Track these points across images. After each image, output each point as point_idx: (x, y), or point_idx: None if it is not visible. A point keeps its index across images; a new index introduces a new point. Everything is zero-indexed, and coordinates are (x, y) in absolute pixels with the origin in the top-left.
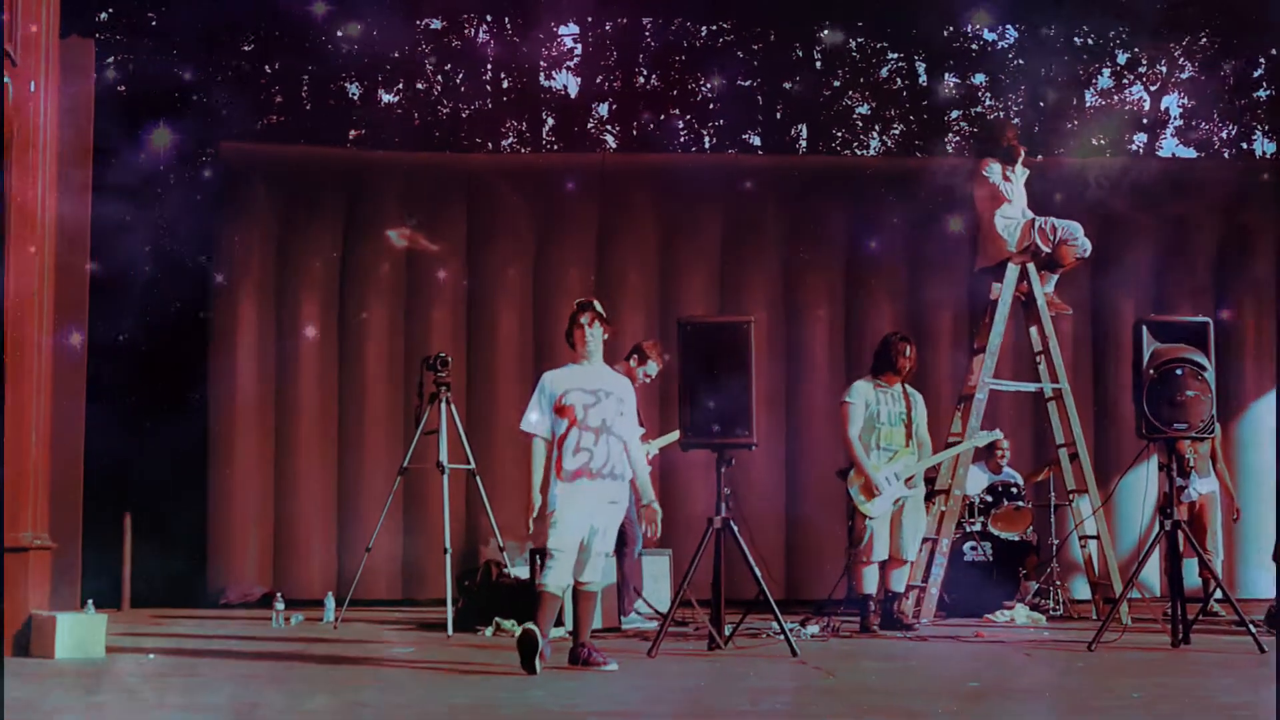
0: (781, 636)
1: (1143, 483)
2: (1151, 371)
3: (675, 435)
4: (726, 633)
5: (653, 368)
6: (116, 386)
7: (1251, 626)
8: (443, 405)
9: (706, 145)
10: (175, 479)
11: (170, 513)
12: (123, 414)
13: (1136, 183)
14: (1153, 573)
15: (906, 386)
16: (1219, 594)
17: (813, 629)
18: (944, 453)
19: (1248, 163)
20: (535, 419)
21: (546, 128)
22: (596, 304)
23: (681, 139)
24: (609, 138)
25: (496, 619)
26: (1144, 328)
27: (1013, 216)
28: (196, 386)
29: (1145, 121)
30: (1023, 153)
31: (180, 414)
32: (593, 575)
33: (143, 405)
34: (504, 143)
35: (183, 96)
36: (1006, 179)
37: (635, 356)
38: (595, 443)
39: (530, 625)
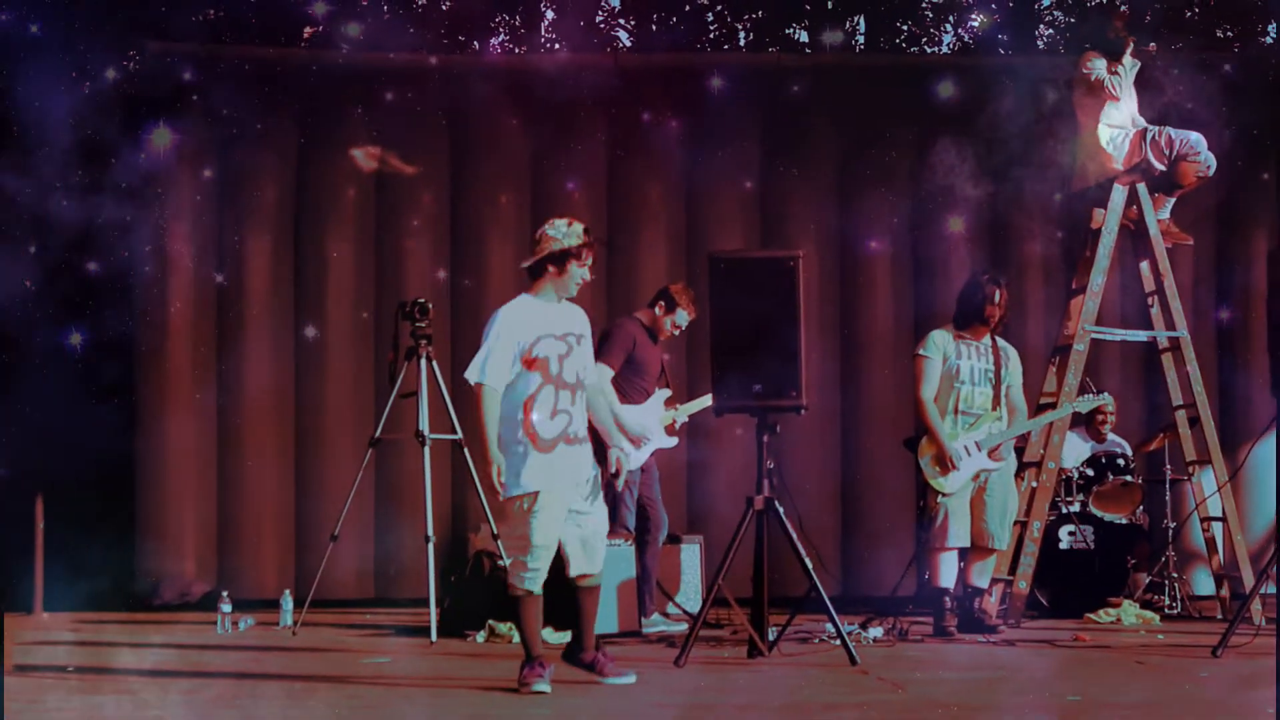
0: (838, 641)
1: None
2: None
3: (708, 400)
4: (770, 637)
5: (683, 317)
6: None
7: None
8: (422, 362)
9: (741, 43)
10: (103, 467)
11: (98, 504)
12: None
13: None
14: None
15: (998, 339)
16: None
17: (876, 632)
18: (1037, 419)
19: None
20: (494, 366)
21: (545, 23)
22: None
23: (711, 34)
24: (622, 34)
25: (490, 621)
26: None
27: (1120, 125)
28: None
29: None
30: (1132, 43)
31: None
32: (597, 564)
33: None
34: (494, 41)
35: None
36: (1114, 72)
37: (662, 303)
38: (573, 402)
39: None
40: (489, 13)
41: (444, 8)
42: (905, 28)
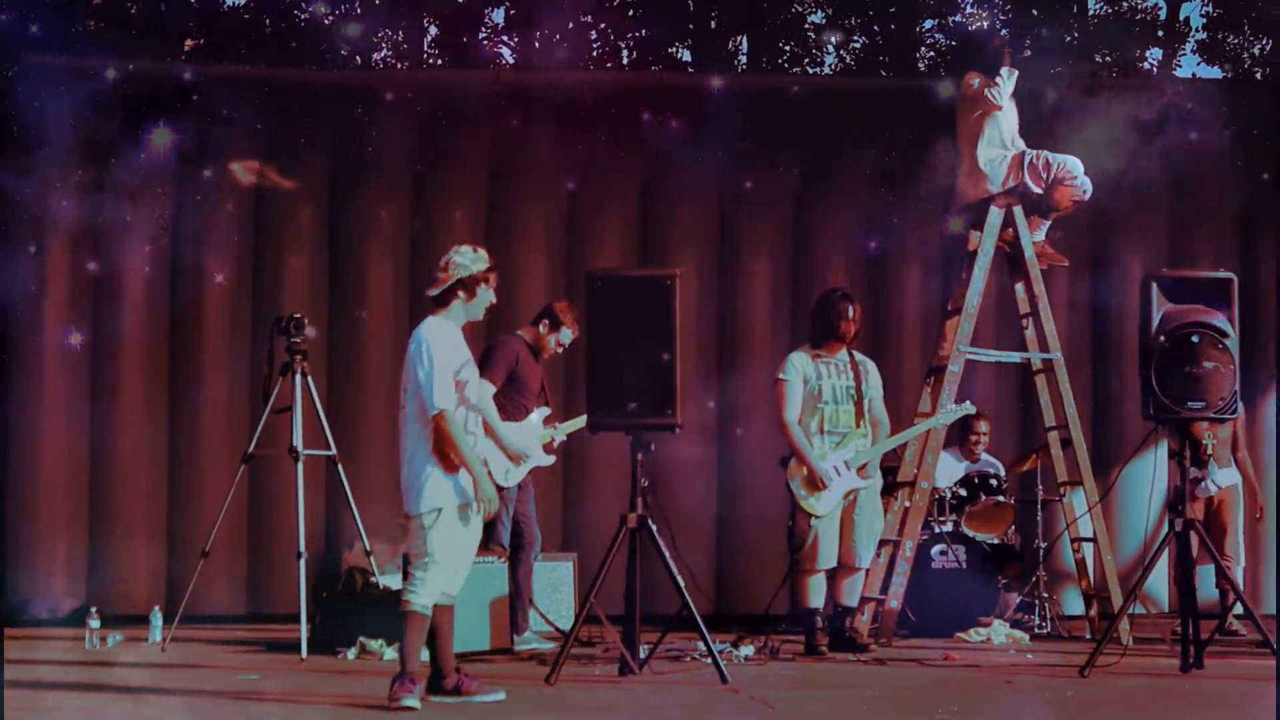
0: (710, 659)
1: (1149, 474)
2: (1162, 339)
3: (584, 419)
4: (642, 655)
5: (566, 335)
6: None
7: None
8: (297, 377)
9: (624, 61)
10: None
11: None
12: None
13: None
14: (1160, 583)
15: (855, 354)
16: (1239, 608)
17: (747, 650)
18: (904, 433)
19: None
20: (445, 391)
21: (429, 38)
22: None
23: (594, 52)
24: (505, 51)
25: (361, 639)
26: (1153, 285)
27: (999, 147)
28: None
29: (1161, 34)
30: (1009, 55)
31: None
32: (457, 585)
33: None
34: (376, 56)
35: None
36: (994, 83)
37: (546, 321)
38: (477, 425)
39: None
40: (372, 26)
41: (327, 24)
42: (788, 48)
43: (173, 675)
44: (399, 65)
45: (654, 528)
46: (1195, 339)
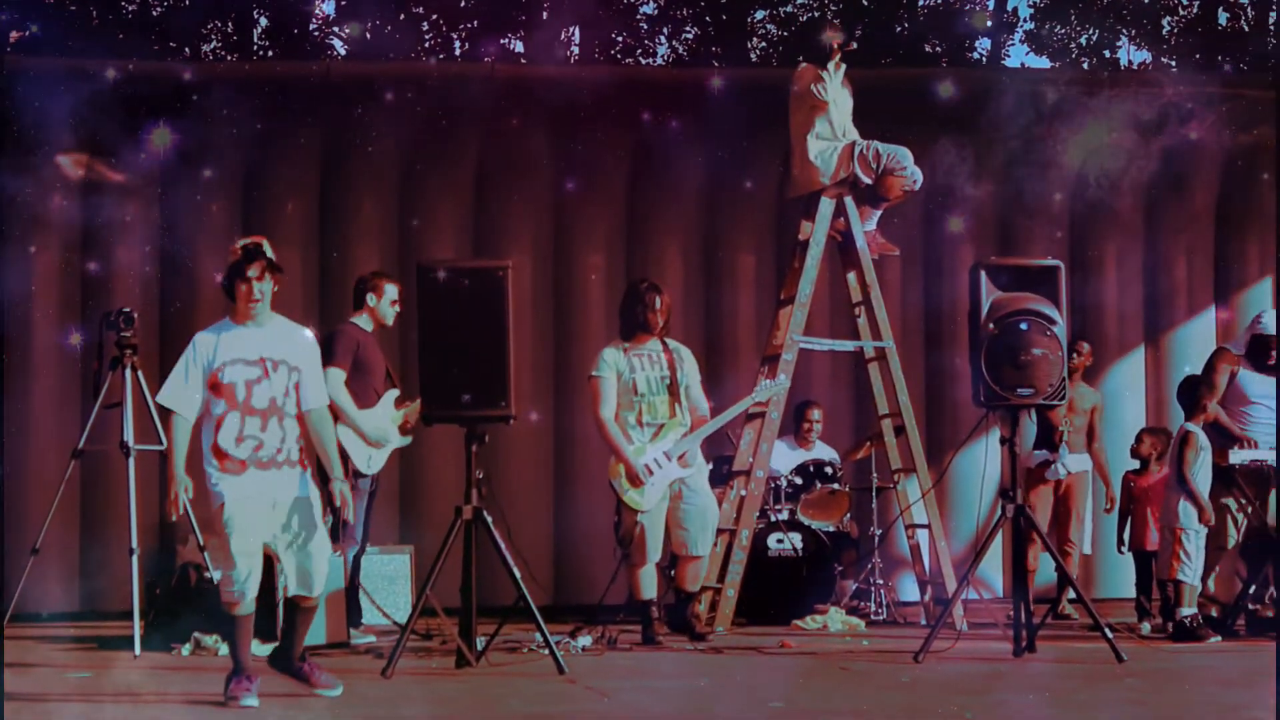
0: (546, 650)
1: (981, 460)
2: (990, 326)
3: (414, 406)
4: (479, 647)
5: (392, 290)
6: None
7: (1108, 631)
8: (127, 372)
9: (457, 52)
10: None
11: None
12: None
13: (977, 96)
14: (995, 568)
15: (668, 342)
16: (1075, 594)
17: (585, 640)
18: (720, 416)
19: (1112, 75)
20: (174, 392)
21: (258, 30)
22: (266, 247)
23: (427, 43)
24: (336, 42)
25: (195, 634)
26: (981, 273)
27: (829, 138)
28: None
29: (990, 24)
30: (839, 47)
31: None
32: (312, 586)
33: None
34: (206, 48)
35: None
36: (819, 80)
37: (368, 295)
38: (263, 428)
39: None
40: (201, 18)
41: (154, 14)
42: (620, 39)
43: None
44: (229, 57)
45: (489, 519)
46: (1024, 326)
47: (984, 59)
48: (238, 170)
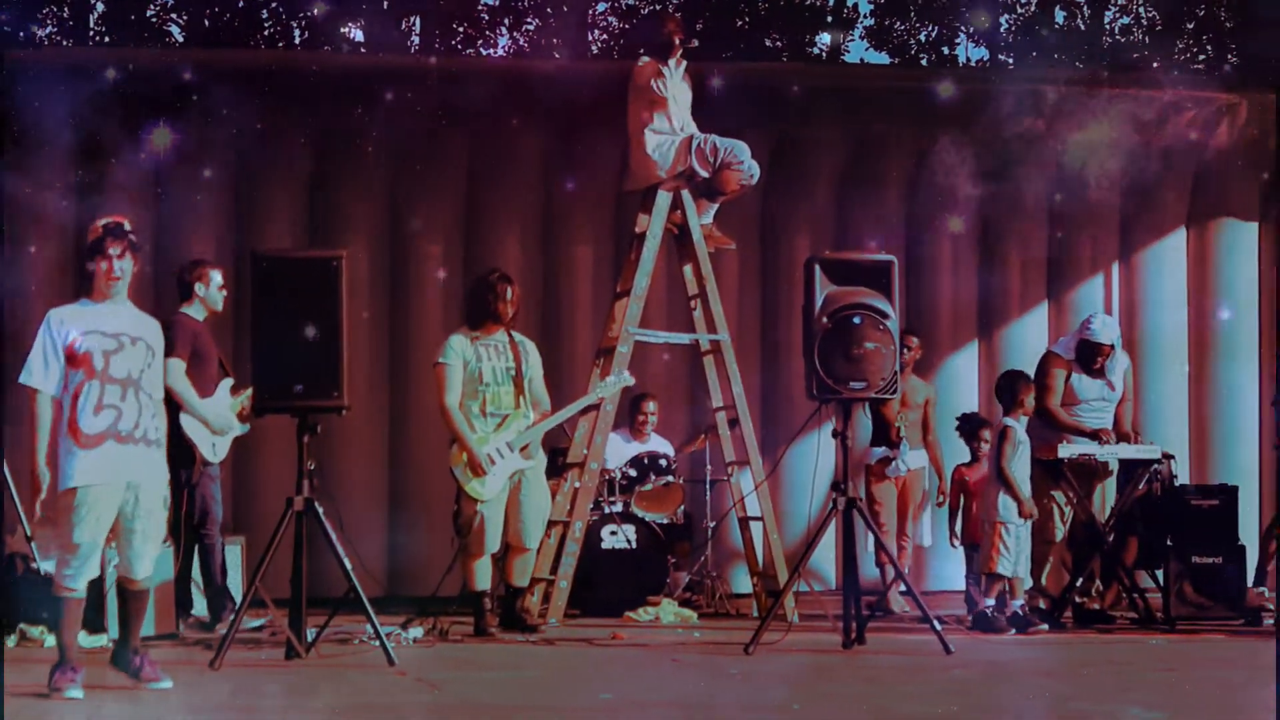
0: (377, 642)
1: (814, 453)
2: (825, 320)
3: (248, 394)
4: (309, 638)
5: (215, 276)
6: None
7: (936, 624)
8: None
9: (297, 40)
10: None
11: None
12: None
13: (818, 93)
14: (828, 560)
15: (514, 334)
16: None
17: (416, 632)
18: (562, 411)
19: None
20: (39, 369)
21: (95, 15)
22: (127, 225)
23: (266, 31)
24: (174, 29)
25: (21, 626)
26: (816, 267)
27: (667, 132)
28: None
29: (830, 19)
30: (680, 43)
31: None
32: (146, 568)
33: None
34: (41, 33)
35: None
36: (660, 75)
37: (194, 284)
38: (123, 398)
39: None
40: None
41: None
42: (461, 29)
43: None
44: (66, 44)
45: (320, 510)
46: (857, 320)
47: (823, 54)
48: (230, 168)
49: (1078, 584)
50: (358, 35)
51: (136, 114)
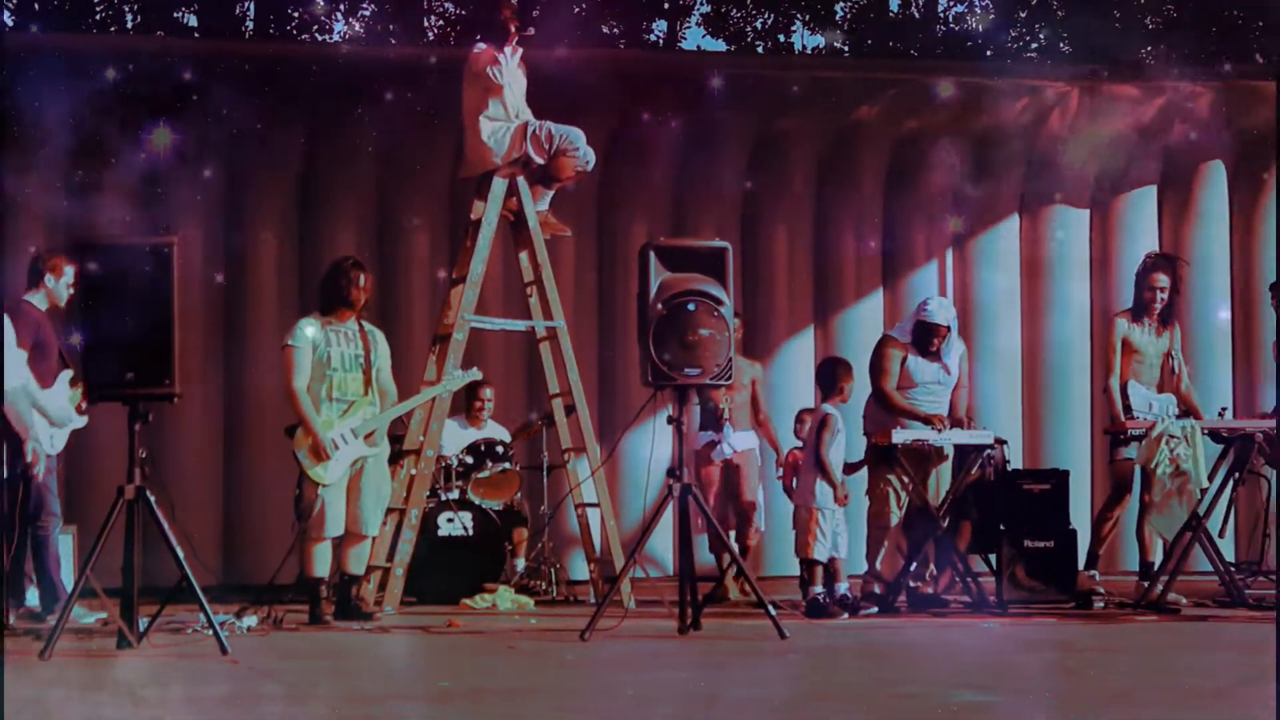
0: (210, 631)
1: (650, 440)
2: (659, 306)
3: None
4: (141, 628)
5: (69, 273)
6: None
7: (772, 609)
8: None
9: (129, 25)
10: None
11: None
12: None
13: (656, 80)
14: (665, 546)
15: (364, 323)
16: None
17: (250, 620)
18: (409, 401)
19: (784, 59)
20: None
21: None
22: None
23: (97, 16)
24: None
25: None
26: (651, 253)
27: (501, 119)
28: None
29: (666, 6)
30: (516, 30)
31: None
32: None
33: None
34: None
35: None
36: (496, 62)
37: (45, 274)
38: None
39: None
40: None
41: None
42: (295, 15)
43: None
44: None
45: (152, 499)
46: (691, 307)
47: (661, 41)
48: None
49: (912, 568)
50: (192, 20)
51: (137, 113)
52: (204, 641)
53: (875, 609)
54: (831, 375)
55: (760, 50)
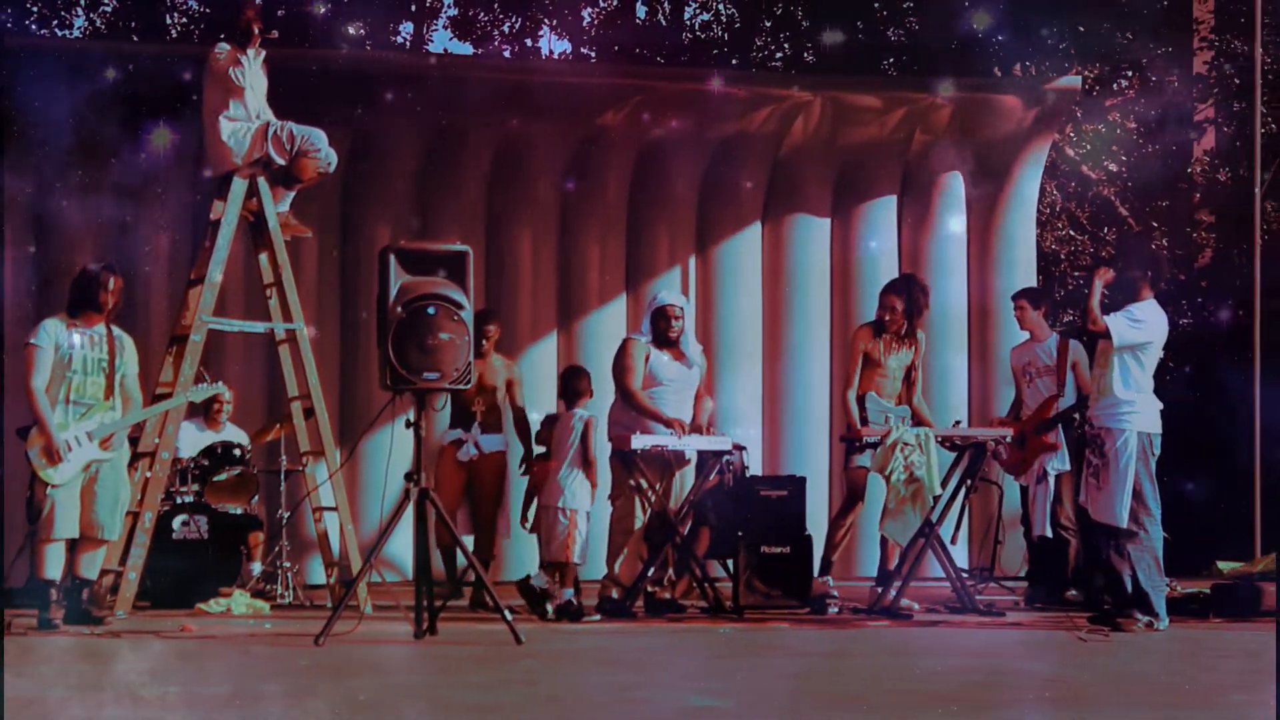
0: None
1: (388, 444)
2: (399, 310)
3: None
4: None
5: None
6: None
7: (507, 614)
8: None
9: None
10: None
11: None
12: None
13: (401, 83)
14: (404, 551)
15: (114, 328)
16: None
17: None
18: (150, 408)
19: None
20: None
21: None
22: None
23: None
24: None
25: None
26: (391, 256)
27: (242, 119)
28: None
29: (414, 9)
30: (260, 34)
31: None
32: None
33: None
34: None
35: None
36: (238, 64)
37: None
38: None
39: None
40: None
41: None
42: (35, 10)
43: None
44: None
45: None
46: (431, 310)
47: (408, 43)
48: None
49: (650, 573)
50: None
51: (137, 113)
52: None
53: (597, 616)
54: (574, 385)
55: (507, 54)
